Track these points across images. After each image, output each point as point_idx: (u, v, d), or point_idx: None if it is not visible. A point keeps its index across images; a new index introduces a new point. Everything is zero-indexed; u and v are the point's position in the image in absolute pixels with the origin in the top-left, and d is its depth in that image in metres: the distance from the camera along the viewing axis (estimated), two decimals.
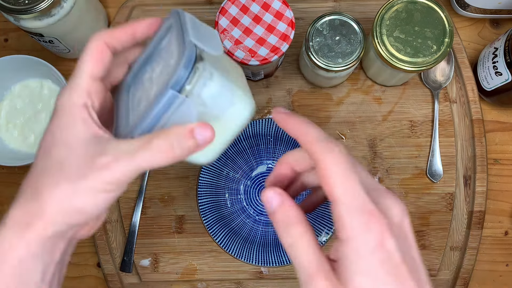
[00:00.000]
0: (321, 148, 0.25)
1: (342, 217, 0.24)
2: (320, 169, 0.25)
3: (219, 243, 0.54)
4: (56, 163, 0.28)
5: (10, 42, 0.62)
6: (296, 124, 0.27)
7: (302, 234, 0.26)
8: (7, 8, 0.48)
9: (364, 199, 0.24)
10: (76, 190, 0.27)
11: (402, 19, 0.51)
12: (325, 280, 0.24)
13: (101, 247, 0.57)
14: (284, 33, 0.50)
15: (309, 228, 0.26)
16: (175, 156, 0.27)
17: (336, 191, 0.24)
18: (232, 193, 0.57)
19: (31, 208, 0.27)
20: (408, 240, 0.25)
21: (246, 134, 0.55)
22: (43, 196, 0.27)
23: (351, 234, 0.24)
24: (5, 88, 0.58)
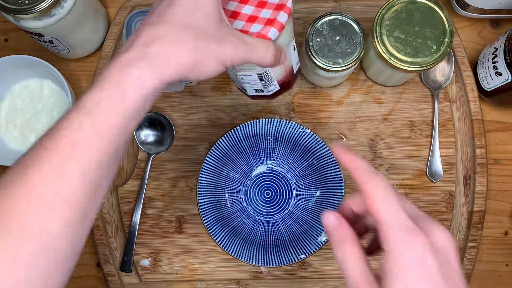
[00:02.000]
0: (366, 176, 0.30)
1: (385, 233, 0.28)
2: (365, 195, 0.29)
3: (219, 243, 0.54)
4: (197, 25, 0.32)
5: (10, 42, 0.62)
6: (350, 157, 0.31)
7: (353, 251, 0.30)
8: (7, 8, 0.48)
9: (406, 219, 0.28)
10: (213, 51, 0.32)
11: (402, 19, 0.51)
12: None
13: (101, 247, 0.57)
14: (279, 3, 0.39)
15: (361, 249, 0.30)
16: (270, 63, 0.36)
17: (379, 214, 0.28)
18: (232, 193, 0.57)
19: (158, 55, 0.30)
20: (451, 263, 0.28)
21: (246, 134, 0.55)
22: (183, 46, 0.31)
23: (392, 247, 0.27)
24: (5, 88, 0.58)
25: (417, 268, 0.27)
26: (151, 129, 0.58)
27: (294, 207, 0.57)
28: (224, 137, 0.55)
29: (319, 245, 0.53)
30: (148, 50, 0.30)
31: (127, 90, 0.29)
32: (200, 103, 0.60)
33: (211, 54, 0.32)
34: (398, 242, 0.27)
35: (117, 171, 0.33)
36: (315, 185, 0.56)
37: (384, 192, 0.29)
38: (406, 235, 0.27)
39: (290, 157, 0.57)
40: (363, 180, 0.30)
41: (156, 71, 0.30)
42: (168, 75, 0.31)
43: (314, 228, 0.54)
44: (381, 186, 0.29)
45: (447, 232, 0.29)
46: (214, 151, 0.55)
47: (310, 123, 0.59)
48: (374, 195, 0.29)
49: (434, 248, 0.28)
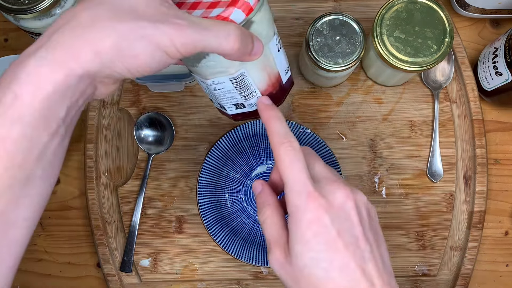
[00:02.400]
0: (277, 140, 0.31)
1: (287, 196, 0.30)
2: (275, 158, 0.31)
3: (219, 243, 0.54)
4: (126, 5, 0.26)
5: (10, 42, 0.62)
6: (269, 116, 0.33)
7: (270, 214, 0.32)
8: (7, 8, 0.48)
9: (305, 183, 0.30)
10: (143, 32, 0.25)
11: (402, 19, 0.51)
12: (280, 250, 0.31)
13: (101, 247, 0.57)
14: None
15: (278, 211, 0.33)
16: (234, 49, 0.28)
17: (284, 175, 0.30)
18: (232, 193, 0.57)
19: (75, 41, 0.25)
20: (350, 220, 0.30)
21: (246, 134, 0.55)
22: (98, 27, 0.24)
23: (293, 210, 0.30)
24: None
25: (313, 228, 0.29)
26: (151, 129, 0.58)
27: None
28: (224, 137, 0.55)
29: None
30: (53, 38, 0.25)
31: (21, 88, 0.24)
32: (200, 103, 0.60)
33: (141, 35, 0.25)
34: (298, 206, 0.29)
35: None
36: None
37: (290, 156, 0.30)
38: (304, 199, 0.29)
39: None
40: (274, 142, 0.31)
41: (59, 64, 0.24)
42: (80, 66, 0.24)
43: None
44: (288, 151, 0.31)
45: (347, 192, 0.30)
46: (214, 151, 0.55)
47: (310, 123, 0.59)
48: (281, 160, 0.31)
49: (334, 208, 0.29)
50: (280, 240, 0.31)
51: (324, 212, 0.29)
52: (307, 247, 0.29)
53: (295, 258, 0.29)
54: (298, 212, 0.29)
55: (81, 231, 0.59)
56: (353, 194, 0.31)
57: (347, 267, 0.29)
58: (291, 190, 0.30)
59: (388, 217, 0.58)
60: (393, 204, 0.58)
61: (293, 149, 0.31)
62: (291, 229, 0.30)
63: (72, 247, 0.58)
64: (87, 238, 0.58)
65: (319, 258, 0.29)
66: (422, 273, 0.57)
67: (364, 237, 0.30)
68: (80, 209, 0.59)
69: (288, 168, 0.30)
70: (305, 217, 0.29)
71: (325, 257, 0.29)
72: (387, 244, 0.58)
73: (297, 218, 0.29)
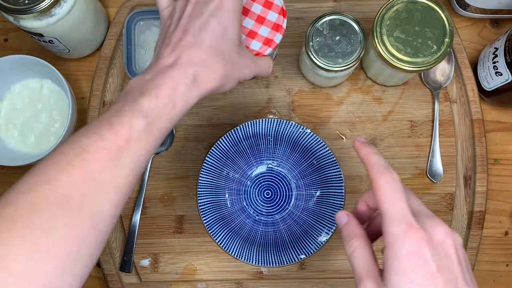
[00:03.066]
0: (377, 171, 0.32)
1: (386, 225, 0.30)
2: (374, 188, 0.31)
3: (219, 243, 0.54)
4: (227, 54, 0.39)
5: (10, 42, 0.62)
6: (366, 152, 0.34)
7: (359, 246, 0.32)
8: (7, 8, 0.48)
9: (406, 214, 0.30)
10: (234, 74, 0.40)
11: (402, 19, 0.50)
12: (372, 282, 0.30)
13: None
14: (276, 22, 0.46)
15: (367, 243, 0.33)
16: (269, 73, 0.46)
17: (383, 205, 0.30)
18: (232, 193, 0.57)
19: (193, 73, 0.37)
20: (449, 258, 0.29)
21: (246, 134, 0.55)
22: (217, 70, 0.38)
23: (391, 240, 0.29)
24: (5, 88, 0.58)
25: (414, 261, 0.28)
26: None
27: (294, 207, 0.57)
28: (224, 137, 0.55)
29: (319, 245, 0.53)
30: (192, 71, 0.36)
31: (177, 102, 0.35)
32: (200, 103, 0.59)
33: (233, 77, 0.40)
34: (397, 236, 0.29)
35: None
36: (315, 185, 0.56)
37: (391, 186, 0.31)
38: (405, 229, 0.29)
39: (290, 157, 0.57)
40: (374, 173, 0.32)
41: (198, 90, 0.37)
42: (204, 93, 0.37)
43: (314, 228, 0.54)
44: (389, 181, 0.31)
45: (446, 228, 0.30)
46: (214, 151, 0.55)
47: (310, 123, 0.59)
48: (381, 189, 0.31)
49: (433, 243, 0.29)
50: (372, 272, 0.30)
51: (425, 245, 0.29)
52: (406, 279, 0.28)
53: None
54: (398, 242, 0.29)
55: None
56: (452, 233, 0.30)
57: None
58: (391, 220, 0.30)
59: None
60: None
61: (393, 180, 0.31)
62: (388, 259, 0.29)
63: None
64: None
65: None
66: None
67: (462, 276, 0.30)
68: None
69: (388, 198, 0.30)
70: (405, 248, 0.29)
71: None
72: None
73: (396, 249, 0.29)
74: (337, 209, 0.53)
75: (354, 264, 0.32)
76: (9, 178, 0.59)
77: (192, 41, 0.37)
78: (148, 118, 0.34)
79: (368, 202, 0.36)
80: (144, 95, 0.34)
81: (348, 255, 0.33)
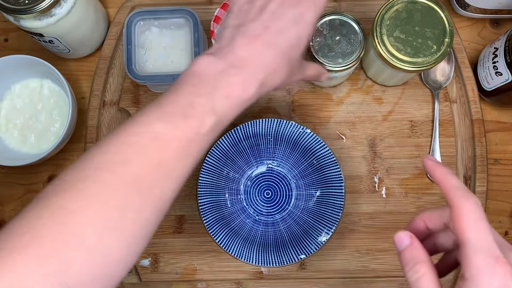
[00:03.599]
0: (460, 195, 0.29)
1: (469, 256, 0.28)
2: (455, 213, 0.29)
3: (219, 243, 0.54)
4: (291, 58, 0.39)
5: (10, 42, 0.62)
6: (442, 172, 0.31)
7: (427, 272, 0.29)
8: (7, 8, 0.48)
9: (493, 246, 0.28)
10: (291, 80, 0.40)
11: (402, 19, 0.50)
12: None
13: None
14: None
15: (434, 269, 0.30)
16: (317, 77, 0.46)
17: (467, 233, 0.28)
18: (232, 193, 0.57)
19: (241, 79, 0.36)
20: None
21: (246, 134, 0.55)
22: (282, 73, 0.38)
23: (475, 273, 0.27)
24: (5, 88, 0.58)
25: None
26: None
27: (294, 207, 0.57)
28: (224, 137, 0.55)
29: (319, 245, 0.53)
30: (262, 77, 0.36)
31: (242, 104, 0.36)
32: None
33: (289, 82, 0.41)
34: (483, 269, 0.27)
35: None
36: (315, 185, 0.56)
37: (476, 214, 0.28)
38: (491, 263, 0.27)
39: (290, 157, 0.57)
40: (457, 196, 0.29)
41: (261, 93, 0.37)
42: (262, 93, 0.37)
43: (314, 228, 0.54)
44: (474, 209, 0.28)
45: None
46: (214, 151, 0.55)
47: (310, 123, 0.59)
48: (466, 215, 0.28)
49: None
50: None
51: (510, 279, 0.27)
52: None
53: None
54: (482, 275, 0.27)
55: None
56: None
57: None
58: (475, 252, 0.27)
59: (388, 217, 0.58)
60: (393, 204, 0.58)
61: (478, 207, 0.29)
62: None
63: None
64: None
65: None
66: None
67: None
68: None
69: (474, 227, 0.28)
70: (491, 283, 0.27)
71: None
72: (387, 243, 0.58)
73: (481, 282, 0.27)
74: (337, 209, 0.53)
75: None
76: (9, 178, 0.59)
77: (270, 41, 0.37)
78: (217, 117, 0.34)
79: (428, 222, 0.33)
80: (217, 91, 0.34)
81: (412, 282, 0.30)
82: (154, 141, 0.32)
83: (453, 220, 0.29)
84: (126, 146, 0.32)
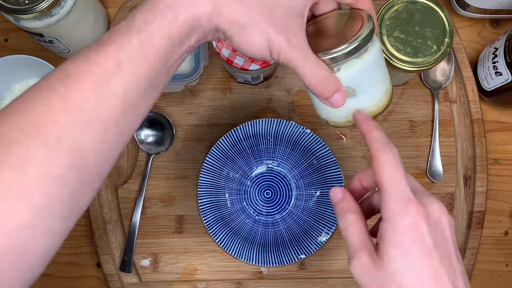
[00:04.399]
0: (378, 147, 0.31)
1: (385, 200, 0.30)
2: (374, 163, 0.31)
3: (219, 243, 0.54)
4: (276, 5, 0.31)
5: (10, 42, 0.62)
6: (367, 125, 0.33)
7: (354, 220, 0.32)
8: (7, 8, 0.48)
9: (406, 190, 0.30)
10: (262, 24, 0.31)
11: (402, 19, 0.50)
12: (366, 255, 0.30)
13: (101, 247, 0.57)
14: None
15: (362, 218, 0.32)
16: (315, 82, 0.33)
17: (383, 181, 0.30)
18: (232, 193, 0.57)
19: None
20: (445, 235, 0.30)
21: (246, 134, 0.55)
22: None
23: (390, 214, 0.29)
24: (5, 88, 0.58)
25: (411, 234, 0.29)
26: (151, 129, 0.58)
27: (294, 207, 0.57)
28: (224, 137, 0.55)
29: (319, 245, 0.53)
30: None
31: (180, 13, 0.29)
32: (200, 103, 0.60)
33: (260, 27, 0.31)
34: (396, 211, 0.29)
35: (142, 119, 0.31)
36: (315, 185, 0.56)
37: (392, 162, 0.30)
38: (404, 204, 0.29)
39: (290, 157, 0.57)
40: (375, 149, 0.31)
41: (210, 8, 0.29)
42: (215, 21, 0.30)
43: (314, 228, 0.54)
44: (390, 158, 0.30)
45: (441, 206, 0.31)
46: (214, 151, 0.55)
47: (310, 123, 0.59)
48: (383, 165, 0.30)
49: (431, 220, 0.30)
50: (367, 245, 0.30)
51: (423, 220, 0.29)
52: (403, 252, 0.29)
53: (387, 263, 0.29)
54: (396, 216, 0.29)
55: (81, 231, 0.59)
56: (447, 212, 0.31)
57: (441, 279, 0.29)
58: (390, 195, 0.30)
59: None
60: None
61: (394, 156, 0.31)
62: (386, 233, 0.29)
63: (72, 247, 0.59)
64: (87, 238, 0.58)
65: (414, 265, 0.29)
66: None
67: (456, 254, 0.30)
68: None
69: (389, 174, 0.30)
70: (404, 222, 0.29)
71: (421, 266, 0.28)
72: None
73: (395, 222, 0.29)
74: None
75: (348, 238, 0.31)
76: None
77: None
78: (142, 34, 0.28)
79: (363, 181, 0.35)
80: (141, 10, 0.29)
81: (343, 229, 0.32)
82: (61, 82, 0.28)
83: (373, 170, 0.31)
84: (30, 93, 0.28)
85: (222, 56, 0.50)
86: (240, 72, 0.53)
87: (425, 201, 0.30)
